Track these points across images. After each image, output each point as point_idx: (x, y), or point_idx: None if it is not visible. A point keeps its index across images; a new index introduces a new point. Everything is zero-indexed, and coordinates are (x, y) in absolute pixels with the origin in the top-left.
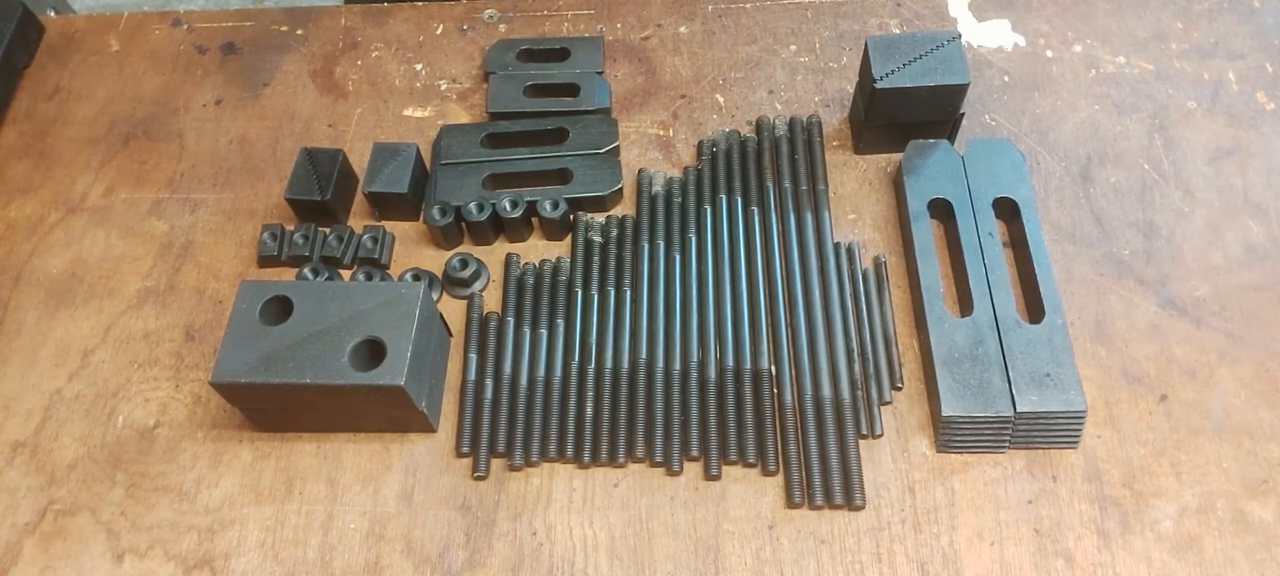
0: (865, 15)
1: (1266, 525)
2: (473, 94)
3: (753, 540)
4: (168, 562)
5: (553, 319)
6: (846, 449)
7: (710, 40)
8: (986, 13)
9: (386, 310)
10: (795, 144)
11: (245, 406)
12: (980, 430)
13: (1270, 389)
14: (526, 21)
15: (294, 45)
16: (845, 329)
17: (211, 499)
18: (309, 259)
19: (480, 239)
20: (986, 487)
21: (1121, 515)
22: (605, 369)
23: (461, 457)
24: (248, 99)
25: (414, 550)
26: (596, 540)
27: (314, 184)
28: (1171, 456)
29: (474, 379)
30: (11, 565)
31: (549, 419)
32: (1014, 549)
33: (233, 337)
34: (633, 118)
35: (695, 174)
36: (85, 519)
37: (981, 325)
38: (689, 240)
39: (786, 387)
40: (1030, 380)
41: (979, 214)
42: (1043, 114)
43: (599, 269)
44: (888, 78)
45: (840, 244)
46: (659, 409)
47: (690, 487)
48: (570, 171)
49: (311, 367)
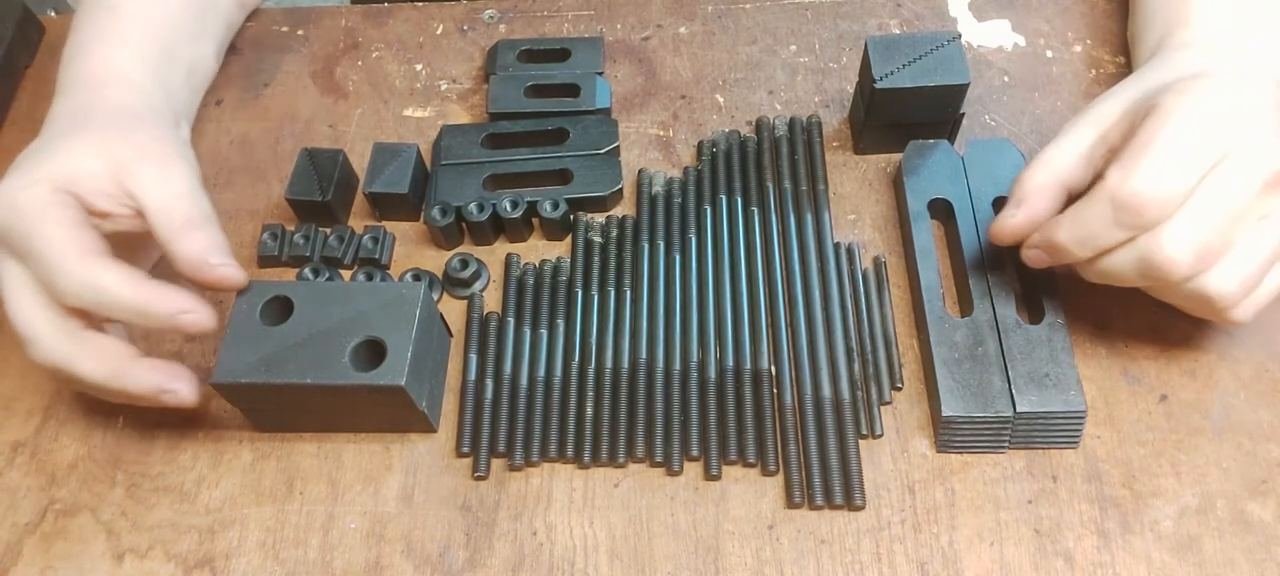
0: (865, 15)
1: (1266, 525)
2: (473, 94)
3: (753, 540)
4: (168, 562)
5: (553, 319)
6: (846, 449)
7: (710, 41)
8: (986, 13)
9: (387, 310)
10: (795, 144)
11: (245, 406)
12: (980, 430)
13: (1270, 389)
14: (526, 22)
15: (294, 45)
16: (845, 329)
17: (212, 499)
18: (309, 259)
19: (480, 239)
20: (986, 488)
21: (1121, 515)
22: (605, 369)
23: (462, 457)
24: (248, 99)
25: (414, 550)
26: (597, 540)
27: (314, 184)
28: (1171, 456)
29: (474, 379)
30: (11, 565)
31: (549, 419)
32: (1014, 549)
33: (233, 338)
34: (633, 118)
35: (695, 174)
36: (85, 519)
37: (981, 325)
38: (689, 240)
39: (786, 387)
40: (1030, 380)
41: (979, 214)
42: (1043, 114)
43: (599, 269)
44: (888, 78)
45: (840, 244)
46: (659, 409)
47: (690, 487)
48: (570, 172)
49: (312, 368)
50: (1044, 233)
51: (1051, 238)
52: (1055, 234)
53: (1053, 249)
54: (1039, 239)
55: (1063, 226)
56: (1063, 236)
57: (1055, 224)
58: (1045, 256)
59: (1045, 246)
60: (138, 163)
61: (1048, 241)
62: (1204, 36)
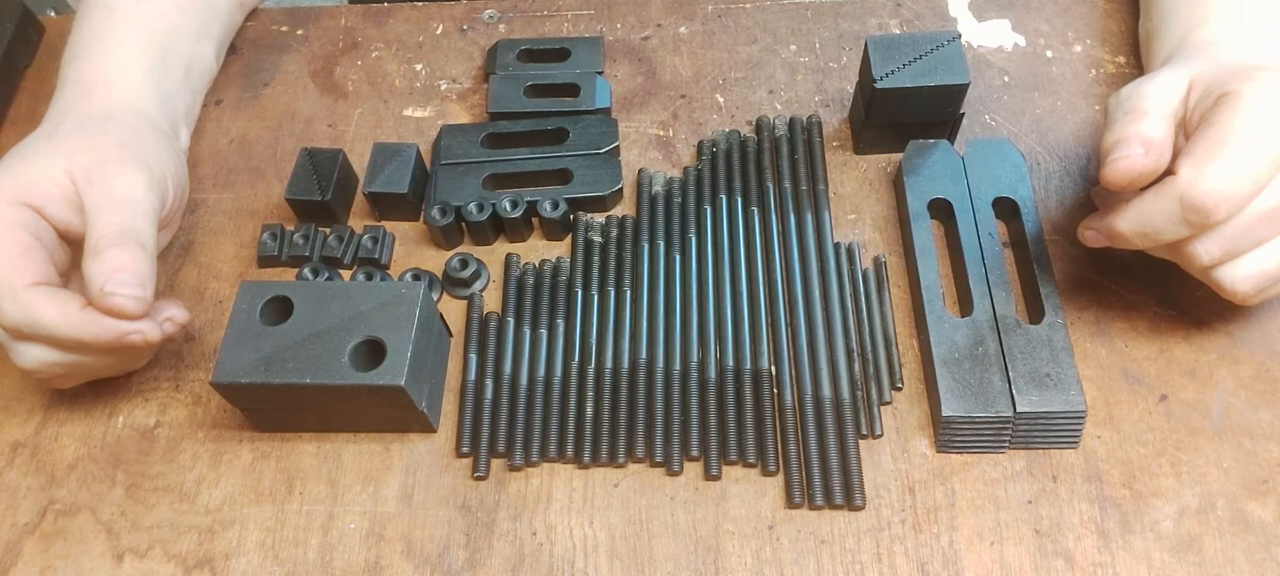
0: (865, 15)
1: (1266, 525)
2: (473, 94)
3: (753, 540)
4: (168, 562)
5: (553, 319)
6: (846, 449)
7: (710, 40)
8: (986, 13)
9: (387, 310)
10: (795, 144)
11: (245, 406)
12: (980, 430)
13: (1270, 389)
14: (526, 21)
15: (294, 45)
16: (845, 329)
17: (211, 499)
18: (309, 259)
19: (480, 239)
20: (986, 488)
21: (1121, 515)
22: (605, 369)
23: (461, 457)
24: (248, 99)
25: (414, 550)
26: (596, 540)
27: (314, 184)
28: (1171, 456)
29: (474, 379)
30: (11, 565)
31: (549, 419)
32: (1014, 549)
33: (233, 338)
34: (633, 118)
35: (695, 174)
36: (85, 519)
37: (981, 325)
38: (689, 240)
39: (786, 387)
40: (1030, 380)
41: (979, 214)
42: (1043, 114)
43: (599, 269)
44: (888, 78)
45: (840, 244)
46: (659, 409)
47: (690, 487)
48: (570, 171)
49: (311, 368)
50: (1108, 221)
51: (1115, 227)
52: (1119, 225)
53: (1113, 236)
54: (1102, 225)
55: (1128, 218)
56: (1127, 228)
57: (1120, 215)
58: (1101, 238)
59: (1106, 232)
60: (94, 168)
61: (1111, 230)
62: (1225, 35)
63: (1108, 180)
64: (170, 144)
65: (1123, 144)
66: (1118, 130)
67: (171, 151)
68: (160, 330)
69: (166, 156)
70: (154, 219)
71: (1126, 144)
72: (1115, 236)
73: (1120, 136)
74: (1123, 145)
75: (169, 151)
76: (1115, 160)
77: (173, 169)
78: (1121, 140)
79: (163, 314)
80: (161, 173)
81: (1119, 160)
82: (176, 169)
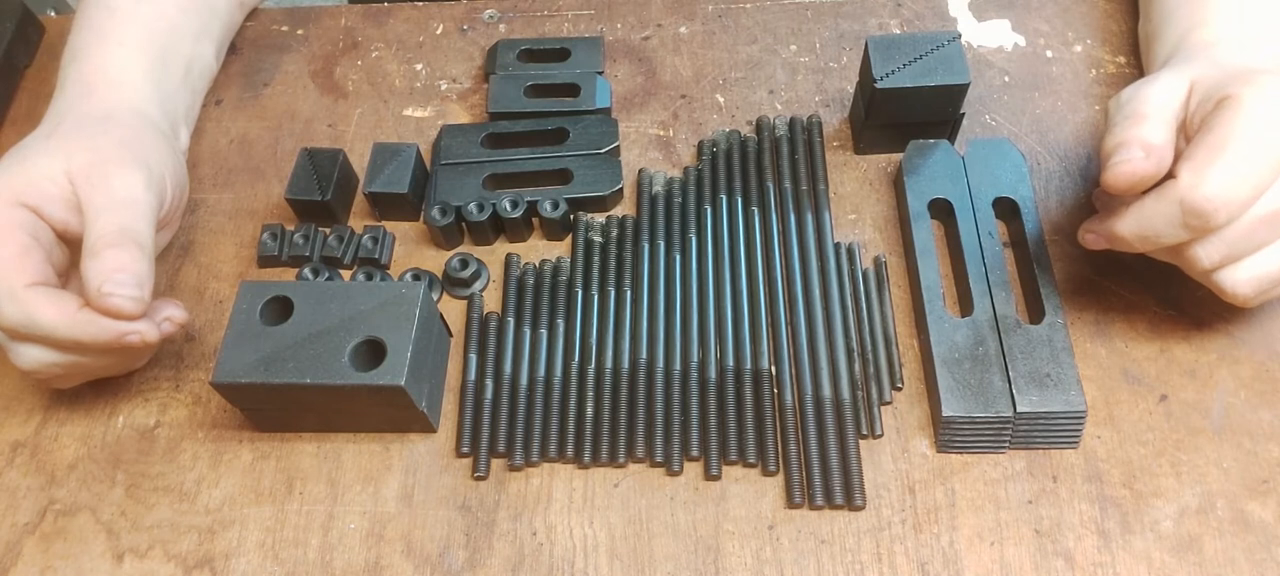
0: (865, 15)
1: (1266, 525)
2: (473, 94)
3: (753, 540)
4: (168, 562)
5: (553, 319)
6: (846, 449)
7: (710, 40)
8: (986, 13)
9: (387, 310)
10: (795, 144)
11: (245, 406)
12: (980, 430)
13: (1270, 389)
14: (526, 21)
15: (294, 45)
16: (845, 329)
17: (211, 499)
18: (309, 259)
19: (480, 239)
20: (986, 488)
21: (1121, 515)
22: (605, 369)
23: (461, 457)
24: (248, 99)
25: (414, 550)
26: (597, 540)
27: (314, 184)
28: (1171, 456)
29: (474, 379)
30: (11, 565)
31: (549, 419)
32: (1014, 549)
33: (233, 338)
34: (633, 118)
35: (695, 174)
36: (85, 519)
37: (981, 325)
38: (689, 240)
39: (786, 387)
40: (1030, 380)
41: (979, 214)
42: (1043, 114)
43: (599, 269)
44: (888, 78)
45: (840, 244)
46: (659, 409)
47: (690, 487)
48: (570, 171)
49: (311, 368)
50: (1109, 225)
51: (1116, 231)
52: (1119, 228)
53: (1113, 240)
54: (1102, 228)
55: (1128, 222)
56: (1127, 232)
57: (1120, 218)
58: (1102, 241)
59: (1106, 235)
60: (93, 168)
61: (1111, 233)
62: (1225, 36)
63: (1108, 184)
64: (170, 144)
65: (1124, 148)
66: (1118, 134)
67: (171, 151)
68: (158, 330)
69: (166, 156)
70: (152, 219)
71: (1127, 148)
72: (1115, 239)
73: (1121, 140)
74: (1124, 149)
75: (168, 151)
76: (1116, 164)
77: (172, 169)
78: (1122, 144)
79: (161, 314)
80: (160, 173)
81: (1120, 164)
82: (176, 169)
